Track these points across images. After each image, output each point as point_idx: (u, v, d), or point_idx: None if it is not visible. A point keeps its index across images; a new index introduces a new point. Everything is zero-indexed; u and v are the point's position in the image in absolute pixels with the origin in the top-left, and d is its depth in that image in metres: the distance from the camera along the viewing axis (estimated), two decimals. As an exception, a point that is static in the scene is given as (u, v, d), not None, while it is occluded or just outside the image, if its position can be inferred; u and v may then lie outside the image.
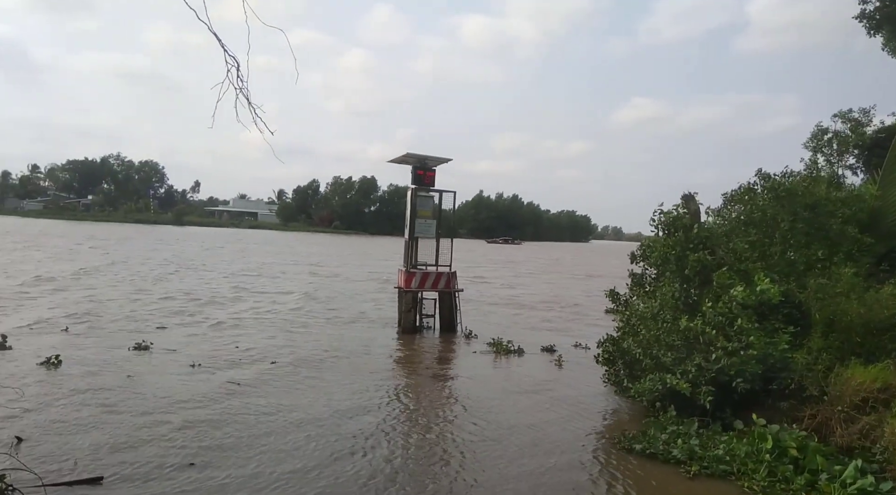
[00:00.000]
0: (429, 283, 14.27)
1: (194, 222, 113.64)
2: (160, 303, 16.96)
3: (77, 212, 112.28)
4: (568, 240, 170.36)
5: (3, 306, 14.78)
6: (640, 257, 9.69)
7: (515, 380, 10.50)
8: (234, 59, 4.52)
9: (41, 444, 6.24)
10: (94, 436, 6.56)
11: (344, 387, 9.26)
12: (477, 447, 6.96)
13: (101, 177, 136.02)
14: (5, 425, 6.67)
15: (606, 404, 9.11)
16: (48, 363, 9.32)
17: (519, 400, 9.12)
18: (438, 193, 14.60)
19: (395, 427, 7.62)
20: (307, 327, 14.57)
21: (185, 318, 14.67)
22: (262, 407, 7.95)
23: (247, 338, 12.61)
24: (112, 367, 9.59)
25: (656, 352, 7.79)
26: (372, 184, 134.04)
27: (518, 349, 12.59)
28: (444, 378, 10.60)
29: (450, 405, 8.82)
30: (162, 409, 7.63)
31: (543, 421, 8.07)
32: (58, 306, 15.24)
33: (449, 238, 14.73)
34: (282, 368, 10.20)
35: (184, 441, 6.58)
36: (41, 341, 11.14)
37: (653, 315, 8.27)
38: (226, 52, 4.49)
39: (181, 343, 11.75)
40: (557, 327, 16.74)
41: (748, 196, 9.65)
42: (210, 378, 9.30)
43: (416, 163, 14.33)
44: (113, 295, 17.94)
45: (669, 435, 6.94)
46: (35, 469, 5.29)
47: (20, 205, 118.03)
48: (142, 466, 5.86)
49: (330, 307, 18.23)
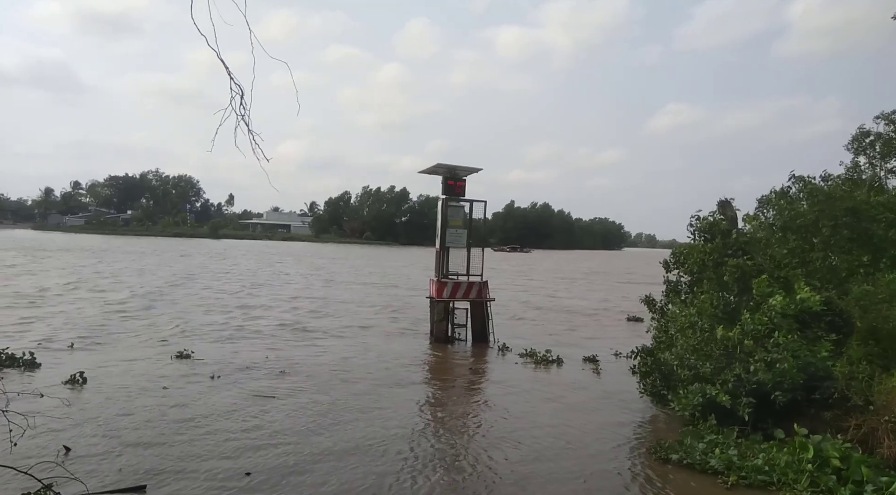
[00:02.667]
0: (460, 293, 14.29)
1: (229, 235, 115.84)
2: (215, 313, 17.35)
3: (117, 226, 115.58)
4: (600, 247, 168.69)
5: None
6: (673, 264, 9.57)
7: (551, 390, 10.43)
8: (239, 87, 4.64)
9: (88, 454, 6.41)
10: (138, 446, 6.71)
11: (378, 398, 9.31)
12: (512, 456, 6.93)
13: (140, 193, 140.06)
14: (53, 434, 6.88)
15: (643, 414, 8.98)
16: (73, 380, 9.31)
17: (554, 410, 9.05)
18: (469, 203, 14.65)
19: (430, 438, 7.63)
20: (340, 337, 14.71)
21: (228, 328, 14.95)
22: (298, 418, 8.04)
23: (280, 349, 12.79)
24: (155, 377, 9.84)
25: (694, 363, 7.67)
26: (403, 194, 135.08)
27: (557, 358, 12.51)
28: (478, 388, 10.59)
29: (484, 414, 8.79)
30: (202, 419, 7.78)
31: (579, 431, 8.00)
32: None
33: (480, 247, 14.75)
34: (315, 379, 10.29)
35: (224, 450, 6.70)
36: (89, 357, 11.47)
37: (690, 324, 8.14)
38: (231, 79, 4.62)
39: (221, 352, 11.98)
40: (588, 335, 16.57)
41: (784, 201, 9.47)
42: (243, 388, 9.44)
43: (446, 173, 14.41)
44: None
45: (707, 445, 6.82)
46: (81, 478, 5.44)
47: (62, 221, 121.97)
48: (185, 475, 5.99)
49: (363, 317, 18.38)
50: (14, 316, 15.49)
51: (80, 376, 9.27)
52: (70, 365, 10.17)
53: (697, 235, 9.07)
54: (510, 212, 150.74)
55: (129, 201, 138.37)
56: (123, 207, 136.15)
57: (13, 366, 9.94)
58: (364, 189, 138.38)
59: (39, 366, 10.19)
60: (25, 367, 10.01)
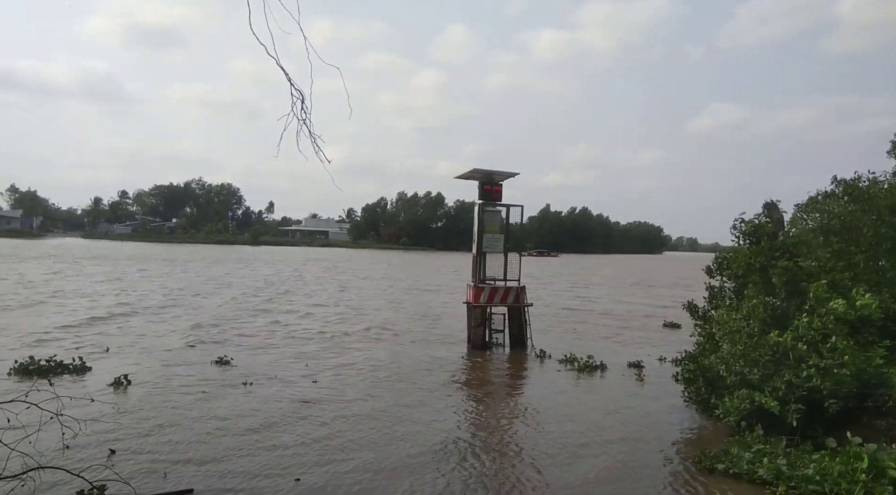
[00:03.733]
0: (498, 298, 14.24)
1: (269, 242, 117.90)
2: (257, 317, 17.71)
3: (163, 234, 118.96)
4: (640, 251, 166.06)
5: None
6: (717, 269, 9.36)
7: (592, 396, 10.30)
8: (300, 93, 4.75)
9: (133, 456, 6.58)
10: (181, 450, 6.88)
11: (415, 404, 9.33)
12: (552, 463, 6.86)
13: (184, 201, 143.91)
14: (100, 437, 7.09)
15: (687, 422, 8.79)
16: (118, 383, 9.58)
17: (596, 417, 8.92)
18: (506, 208, 14.60)
19: (469, 444, 7.61)
20: (376, 343, 14.81)
21: (268, 334, 15.22)
22: (337, 424, 8.11)
23: (316, 356, 12.95)
24: (195, 382, 10.07)
25: (741, 369, 7.46)
26: (438, 200, 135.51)
27: (601, 364, 12.35)
28: (518, 394, 10.52)
29: (524, 421, 8.72)
30: (244, 423, 7.93)
31: (620, 438, 7.88)
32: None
33: (517, 252, 14.69)
34: (352, 385, 10.36)
35: (269, 455, 6.81)
36: (144, 359, 11.83)
37: (737, 328, 7.93)
38: (292, 85, 4.72)
39: (259, 358, 12.19)
40: (624, 341, 16.31)
41: (826, 203, 9.17)
42: (283, 393, 9.58)
43: (482, 178, 14.39)
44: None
45: (754, 454, 6.62)
46: (128, 480, 5.59)
47: (111, 230, 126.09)
48: (232, 479, 6.09)
49: (398, 322, 18.47)
50: (70, 319, 16.07)
51: (125, 378, 9.57)
52: (114, 369, 10.46)
53: (742, 238, 8.85)
54: (546, 215, 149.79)
55: (174, 209, 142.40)
56: (168, 215, 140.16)
57: (63, 371, 10.27)
58: (399, 194, 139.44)
59: (90, 370, 10.55)
60: (76, 372, 10.36)
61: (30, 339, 13.29)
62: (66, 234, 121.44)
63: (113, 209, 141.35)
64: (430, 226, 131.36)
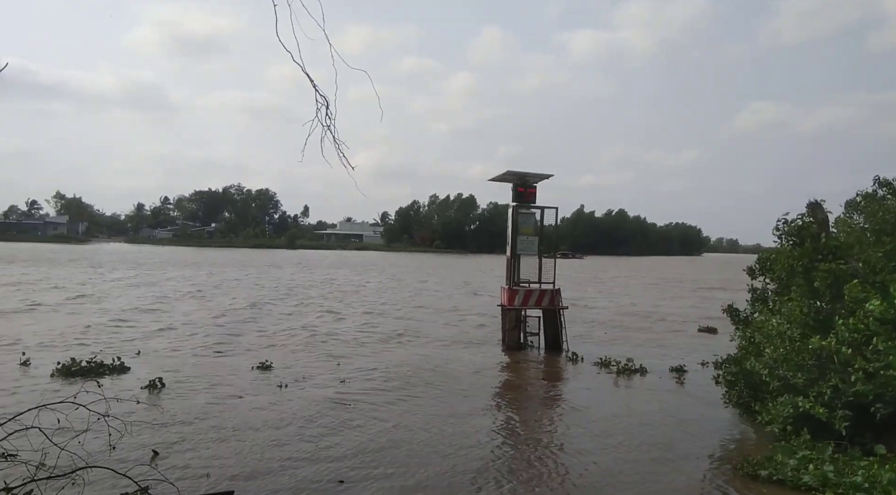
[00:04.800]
0: (532, 301, 14.16)
1: (305, 245, 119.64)
2: (286, 320, 18.00)
3: (202, 239, 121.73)
4: (678, 253, 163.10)
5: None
6: (759, 271, 9.14)
7: (632, 400, 10.16)
8: (325, 99, 4.79)
9: (175, 458, 6.74)
10: (222, 451, 7.01)
11: (450, 407, 9.34)
12: (590, 468, 6.78)
13: (223, 206, 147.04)
14: (143, 438, 7.28)
15: (728, 426, 8.60)
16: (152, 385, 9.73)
17: (635, 420, 8.79)
18: (540, 210, 14.52)
19: (504, 450, 7.58)
20: (410, 345, 14.87)
21: (305, 336, 15.44)
22: (374, 427, 8.16)
23: (352, 357, 13.07)
24: (236, 385, 10.26)
25: (784, 373, 7.27)
26: (471, 202, 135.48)
27: (641, 368, 12.16)
28: (555, 397, 10.44)
29: (559, 425, 8.66)
30: (286, 426, 8.04)
31: (660, 444, 7.74)
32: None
33: (552, 255, 14.59)
34: (386, 389, 10.39)
35: (310, 457, 6.89)
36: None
37: (779, 333, 7.72)
38: (317, 91, 4.77)
39: (298, 362, 12.36)
40: (659, 344, 16.02)
41: (873, 203, 8.87)
42: (321, 396, 9.68)
43: (516, 180, 14.35)
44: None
45: (799, 461, 6.43)
46: (171, 481, 5.72)
47: (153, 234, 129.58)
48: (274, 481, 6.18)
49: (432, 325, 18.50)
50: (106, 322, 16.57)
51: (159, 381, 9.77)
52: (153, 370, 10.71)
53: (784, 239, 8.62)
54: (580, 217, 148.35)
55: (213, 214, 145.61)
56: (208, 220, 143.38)
57: (104, 373, 10.54)
58: (431, 197, 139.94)
59: (129, 370, 10.85)
60: (116, 372, 10.66)
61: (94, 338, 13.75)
62: (111, 240, 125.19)
63: (155, 215, 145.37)
64: (463, 229, 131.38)
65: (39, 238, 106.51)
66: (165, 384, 9.84)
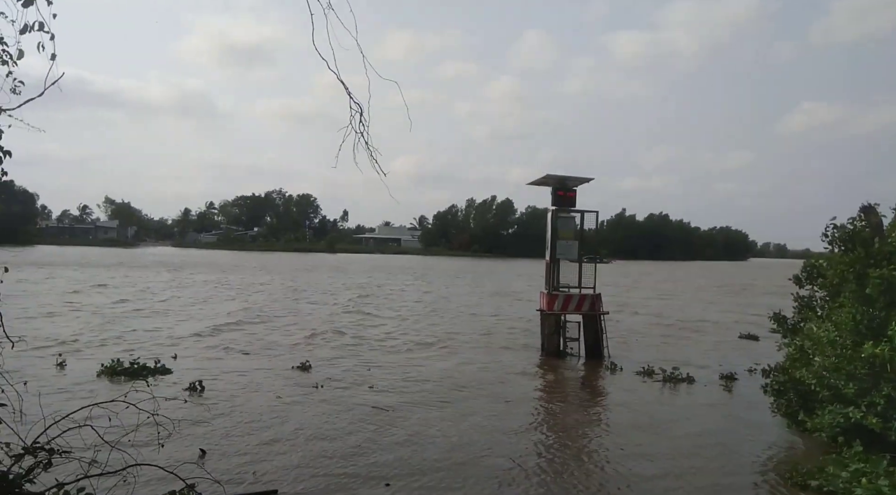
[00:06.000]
0: (572, 306, 14.02)
1: (344, 249, 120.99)
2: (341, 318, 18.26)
3: (245, 243, 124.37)
4: (723, 258, 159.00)
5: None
6: (806, 279, 8.88)
7: (676, 409, 9.98)
8: (359, 106, 4.86)
9: (222, 457, 6.90)
10: (266, 452, 7.15)
11: (488, 413, 9.32)
12: (634, 480, 6.68)
13: (265, 211, 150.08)
14: (191, 438, 7.48)
15: (776, 435, 8.37)
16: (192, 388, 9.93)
17: (680, 429, 8.64)
18: (580, 214, 14.38)
19: (546, 457, 7.53)
20: (448, 350, 14.88)
21: (349, 340, 15.63)
22: (415, 430, 8.21)
23: (390, 361, 13.15)
24: (277, 386, 10.44)
25: (835, 382, 7.03)
26: (509, 206, 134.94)
27: (688, 377, 11.89)
28: (596, 404, 10.33)
29: (602, 433, 8.56)
30: (326, 428, 8.16)
31: (707, 454, 7.58)
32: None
33: (592, 259, 14.42)
34: (426, 392, 10.45)
35: (353, 460, 6.97)
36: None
37: (829, 341, 7.47)
38: (351, 99, 4.84)
39: (337, 364, 12.51)
40: (700, 352, 15.65)
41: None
42: (360, 399, 9.78)
43: (555, 184, 14.24)
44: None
45: (852, 474, 6.20)
46: (217, 479, 5.86)
47: (198, 238, 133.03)
48: (315, 481, 6.27)
49: (470, 330, 18.48)
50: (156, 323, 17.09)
51: (199, 384, 9.99)
52: (193, 372, 11.02)
53: (835, 245, 8.34)
54: (621, 220, 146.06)
55: (256, 219, 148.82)
56: (250, 225, 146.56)
57: (146, 374, 10.82)
58: (468, 201, 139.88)
59: (171, 372, 11.13)
60: (157, 374, 10.95)
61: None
62: (158, 244, 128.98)
63: (200, 219, 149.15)
64: (500, 233, 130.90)
65: (90, 242, 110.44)
66: (207, 385, 10.08)
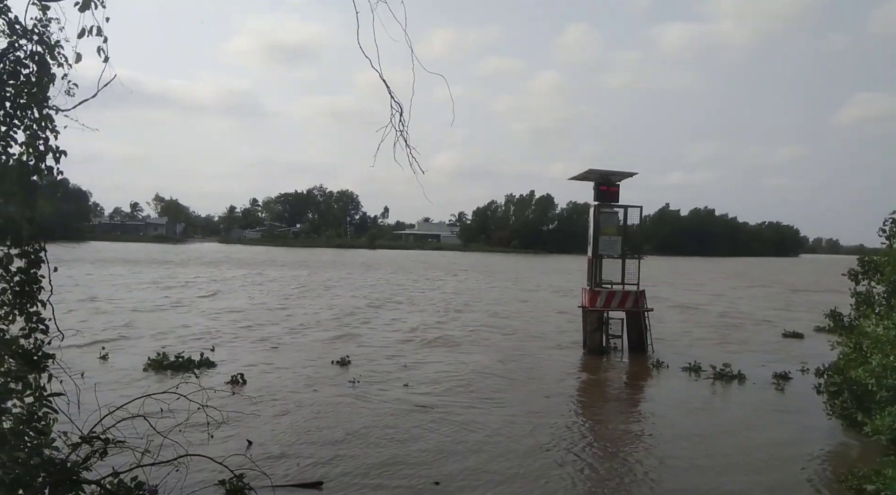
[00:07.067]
0: (615, 302, 13.81)
1: (384, 245, 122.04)
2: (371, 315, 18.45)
3: (287, 239, 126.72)
4: (772, 254, 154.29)
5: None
6: (863, 275, 8.52)
7: (724, 408, 9.77)
8: (399, 105, 4.89)
9: (268, 448, 7.03)
10: (312, 444, 7.26)
11: (531, 410, 9.27)
12: (681, 482, 6.55)
13: (306, 207, 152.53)
14: (238, 430, 7.64)
15: (830, 437, 8.10)
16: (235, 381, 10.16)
17: (729, 431, 8.42)
18: (623, 209, 14.15)
19: (587, 456, 7.45)
20: (488, 346, 14.84)
21: (390, 335, 15.76)
22: (459, 429, 8.21)
23: (431, 357, 13.19)
24: (321, 381, 10.59)
25: (894, 382, 6.73)
26: (549, 201, 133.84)
27: (739, 374, 11.55)
28: (641, 402, 10.18)
29: (646, 431, 8.40)
30: (368, 423, 8.23)
31: (758, 454, 7.38)
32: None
33: (635, 255, 14.18)
34: (468, 389, 10.42)
35: (403, 456, 7.03)
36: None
37: (889, 339, 7.16)
38: (392, 98, 4.87)
39: (379, 361, 12.62)
40: (749, 350, 15.20)
41: None
42: (401, 394, 9.85)
43: (598, 178, 14.04)
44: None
45: (914, 479, 5.93)
46: (264, 471, 5.96)
47: (242, 235, 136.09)
48: (360, 475, 6.33)
49: (511, 326, 18.41)
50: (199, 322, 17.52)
51: (241, 377, 10.19)
52: (236, 365, 11.29)
53: (893, 240, 7.98)
54: (663, 215, 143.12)
55: (298, 215, 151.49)
56: (293, 221, 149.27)
57: (191, 367, 11.04)
58: (507, 197, 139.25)
59: (214, 366, 11.38)
60: (202, 367, 11.19)
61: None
62: (205, 240, 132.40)
63: (245, 216, 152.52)
64: (540, 229, 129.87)
65: (141, 238, 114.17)
66: (249, 378, 10.29)
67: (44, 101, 4.33)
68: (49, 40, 4.33)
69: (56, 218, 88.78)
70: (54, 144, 4.40)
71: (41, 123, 4.33)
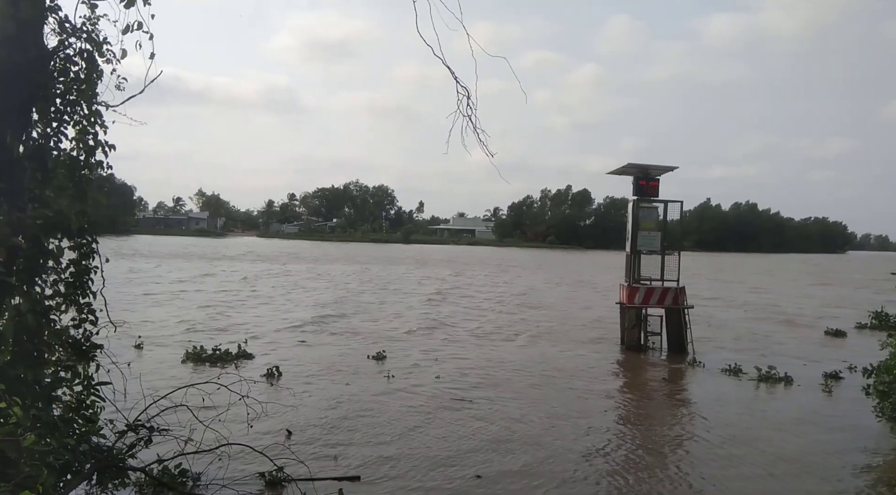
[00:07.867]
0: (654, 299, 13.55)
1: (420, 240, 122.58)
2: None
3: (324, 233, 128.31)
4: (818, 251, 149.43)
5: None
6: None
7: (767, 409, 9.47)
8: (466, 90, 4.86)
9: (306, 440, 7.09)
10: (351, 436, 7.31)
11: (568, 408, 9.19)
12: (721, 486, 6.40)
13: (343, 202, 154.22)
14: (276, 420, 7.75)
15: (879, 439, 7.80)
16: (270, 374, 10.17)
17: (772, 433, 8.17)
18: (663, 203, 13.86)
19: (623, 456, 7.34)
20: (524, 343, 14.75)
21: (426, 330, 15.84)
22: (498, 424, 8.18)
23: (469, 352, 13.20)
24: (358, 374, 10.69)
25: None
26: (586, 196, 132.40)
27: (786, 376, 11.17)
28: (682, 401, 9.97)
29: (685, 431, 8.24)
30: (407, 418, 8.27)
31: (802, 457, 7.15)
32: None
33: (675, 251, 13.88)
34: (505, 384, 10.36)
35: (437, 451, 7.04)
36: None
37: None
38: (458, 83, 4.85)
39: (411, 355, 12.68)
40: (792, 348, 14.75)
41: None
42: (438, 388, 9.86)
43: (637, 173, 13.77)
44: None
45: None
46: (302, 461, 6.04)
47: (280, 229, 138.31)
48: (398, 469, 6.36)
49: (547, 322, 18.27)
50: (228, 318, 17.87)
51: (276, 370, 10.26)
52: (273, 358, 11.43)
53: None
54: (705, 211, 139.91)
55: (334, 210, 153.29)
56: (330, 216, 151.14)
57: (229, 359, 11.22)
58: (543, 191, 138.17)
59: (252, 358, 11.53)
60: (240, 359, 11.34)
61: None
62: (244, 234, 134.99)
63: (283, 210, 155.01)
64: (577, 224, 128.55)
65: (183, 232, 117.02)
66: (287, 371, 10.41)
67: (93, 97, 4.45)
68: (97, 37, 4.44)
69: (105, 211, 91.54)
70: (103, 139, 4.52)
71: (90, 119, 4.45)
